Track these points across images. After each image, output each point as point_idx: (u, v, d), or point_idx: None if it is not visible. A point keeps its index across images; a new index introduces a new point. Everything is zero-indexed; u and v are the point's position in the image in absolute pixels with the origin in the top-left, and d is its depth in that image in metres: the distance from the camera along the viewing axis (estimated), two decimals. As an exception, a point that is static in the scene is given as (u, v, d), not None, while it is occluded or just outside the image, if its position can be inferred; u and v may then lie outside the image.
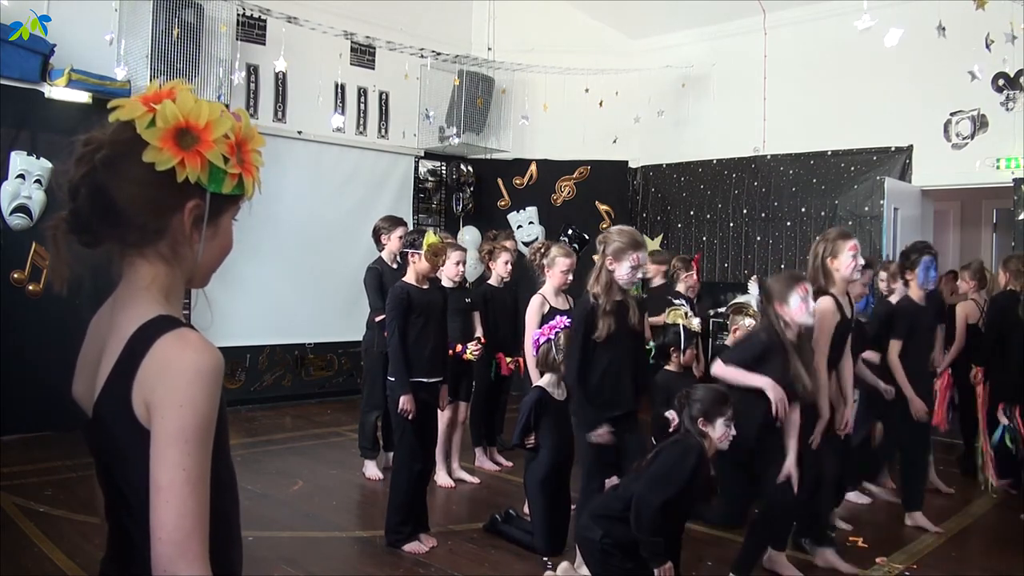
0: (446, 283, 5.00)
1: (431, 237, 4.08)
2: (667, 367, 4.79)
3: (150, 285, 1.17)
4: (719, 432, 3.14)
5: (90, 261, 1.18)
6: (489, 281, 5.61)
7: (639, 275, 3.55)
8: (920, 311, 4.61)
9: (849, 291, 3.97)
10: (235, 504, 1.25)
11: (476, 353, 5.12)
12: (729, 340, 5.13)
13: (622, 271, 3.51)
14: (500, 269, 5.53)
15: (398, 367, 4.03)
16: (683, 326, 4.90)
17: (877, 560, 4.02)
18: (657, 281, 6.00)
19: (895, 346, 4.55)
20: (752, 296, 5.59)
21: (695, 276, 5.96)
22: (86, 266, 1.18)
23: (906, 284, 4.68)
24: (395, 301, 4.08)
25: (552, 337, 4.13)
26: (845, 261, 3.74)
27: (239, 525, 1.27)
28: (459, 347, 5.08)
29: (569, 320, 4.34)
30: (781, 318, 3.46)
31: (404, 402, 3.97)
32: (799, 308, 3.44)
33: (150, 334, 1.10)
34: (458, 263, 4.98)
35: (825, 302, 3.71)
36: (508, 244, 5.86)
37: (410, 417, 3.98)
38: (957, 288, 6.22)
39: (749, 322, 4.93)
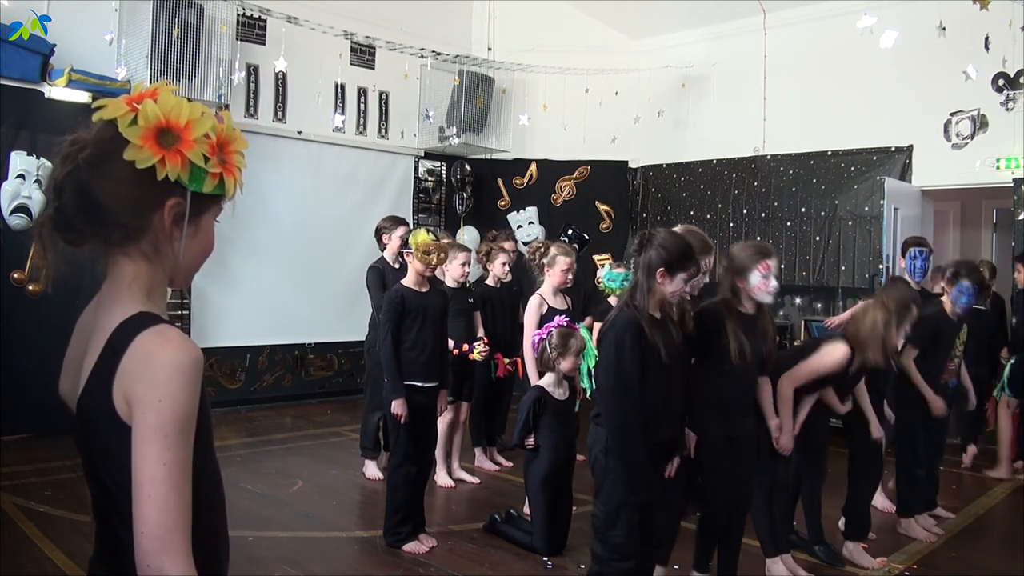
0: (450, 283, 5.00)
1: (420, 235, 4.00)
2: None
3: (132, 283, 1.18)
4: (674, 287, 2.83)
5: (87, 262, 1.20)
6: (486, 282, 5.61)
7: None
8: (947, 324, 4.53)
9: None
10: (220, 501, 1.25)
11: (483, 354, 5.11)
12: None
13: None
14: (497, 270, 5.52)
15: (390, 371, 4.01)
16: None
17: (877, 560, 4.02)
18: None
19: (910, 352, 4.41)
20: None
21: None
22: (83, 266, 1.19)
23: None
24: (389, 304, 4.05)
25: (546, 336, 4.14)
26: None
27: (225, 522, 1.27)
28: (465, 347, 5.08)
29: (567, 319, 4.35)
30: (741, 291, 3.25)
31: (396, 406, 3.96)
32: (759, 285, 3.23)
33: (130, 331, 1.11)
34: (464, 264, 4.98)
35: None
36: (507, 245, 5.86)
37: (402, 421, 3.97)
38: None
39: None
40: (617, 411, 2.79)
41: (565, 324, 4.24)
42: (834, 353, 3.65)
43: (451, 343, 4.85)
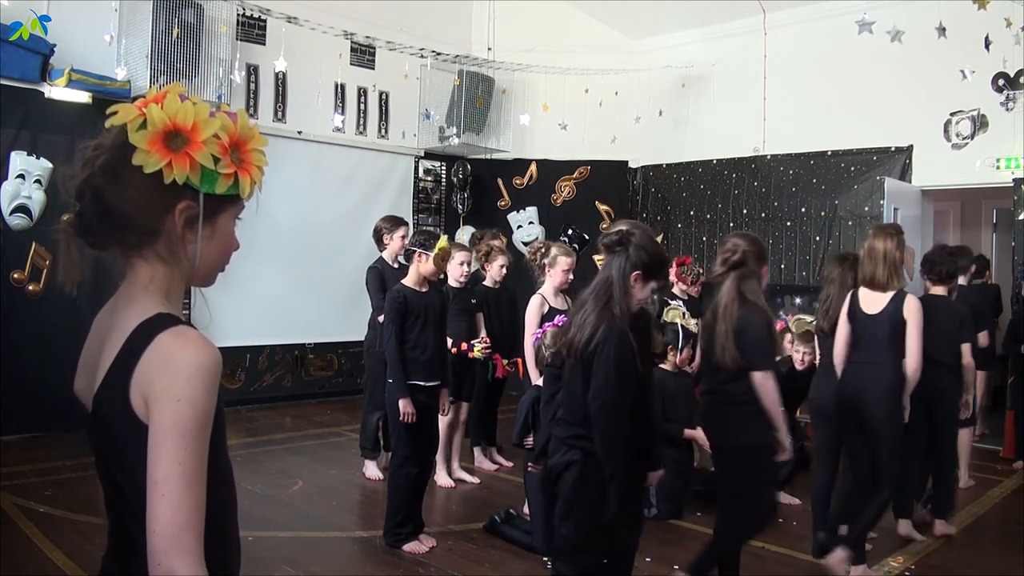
0: (452, 283, 5.00)
1: (444, 242, 4.06)
2: (662, 365, 4.78)
3: (149, 284, 1.19)
4: (642, 295, 2.63)
5: (90, 262, 1.21)
6: (484, 282, 5.60)
7: None
8: None
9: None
10: (232, 502, 1.26)
11: (485, 352, 5.12)
12: None
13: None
14: (495, 272, 5.52)
15: (395, 371, 4.02)
16: (681, 326, 4.88)
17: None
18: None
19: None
20: None
21: (678, 277, 5.54)
22: (87, 267, 1.21)
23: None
24: (392, 304, 4.06)
25: (540, 336, 4.14)
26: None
27: (236, 523, 1.27)
28: (464, 345, 5.08)
29: (564, 319, 4.35)
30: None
31: (403, 406, 3.96)
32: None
33: (150, 330, 1.12)
34: (462, 263, 4.98)
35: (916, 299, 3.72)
36: (495, 243, 5.83)
37: (409, 420, 3.97)
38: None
39: None
40: (617, 432, 2.56)
41: (560, 324, 4.24)
42: (915, 303, 3.67)
43: (449, 342, 4.87)
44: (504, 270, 5.54)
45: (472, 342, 5.12)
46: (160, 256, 1.19)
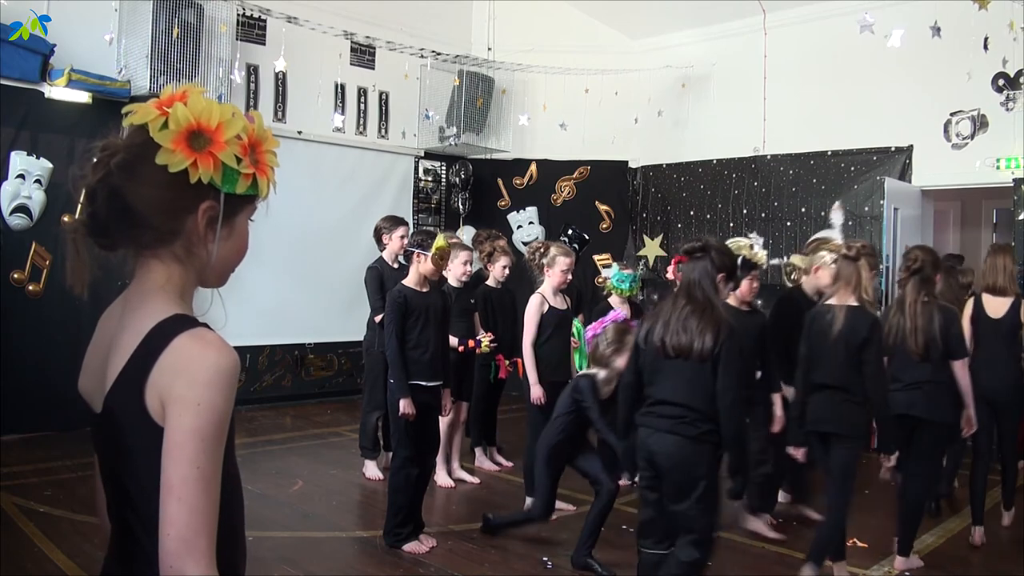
0: (453, 283, 5.01)
1: (441, 240, 4.04)
2: (728, 301, 3.99)
3: (164, 284, 1.18)
4: (724, 294, 3.13)
5: (96, 262, 1.19)
6: (487, 282, 5.61)
7: None
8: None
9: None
10: (239, 504, 1.26)
11: (492, 346, 5.16)
12: (807, 282, 4.68)
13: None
14: (498, 273, 5.52)
15: (396, 371, 4.02)
16: (745, 256, 4.26)
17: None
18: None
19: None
20: (836, 228, 5.43)
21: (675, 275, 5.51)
22: (97, 268, 1.20)
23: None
24: (392, 305, 4.06)
25: (600, 332, 4.09)
26: None
27: (243, 526, 1.27)
28: (471, 343, 5.09)
29: (623, 315, 4.31)
30: None
31: (404, 406, 3.96)
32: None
33: (168, 331, 1.11)
34: (465, 263, 4.98)
35: None
36: (499, 244, 5.84)
37: (410, 420, 3.97)
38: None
39: (830, 257, 4.25)
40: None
41: (621, 319, 4.17)
42: None
43: (456, 341, 4.87)
44: (507, 270, 5.55)
45: (478, 338, 5.15)
46: (176, 256, 1.18)
